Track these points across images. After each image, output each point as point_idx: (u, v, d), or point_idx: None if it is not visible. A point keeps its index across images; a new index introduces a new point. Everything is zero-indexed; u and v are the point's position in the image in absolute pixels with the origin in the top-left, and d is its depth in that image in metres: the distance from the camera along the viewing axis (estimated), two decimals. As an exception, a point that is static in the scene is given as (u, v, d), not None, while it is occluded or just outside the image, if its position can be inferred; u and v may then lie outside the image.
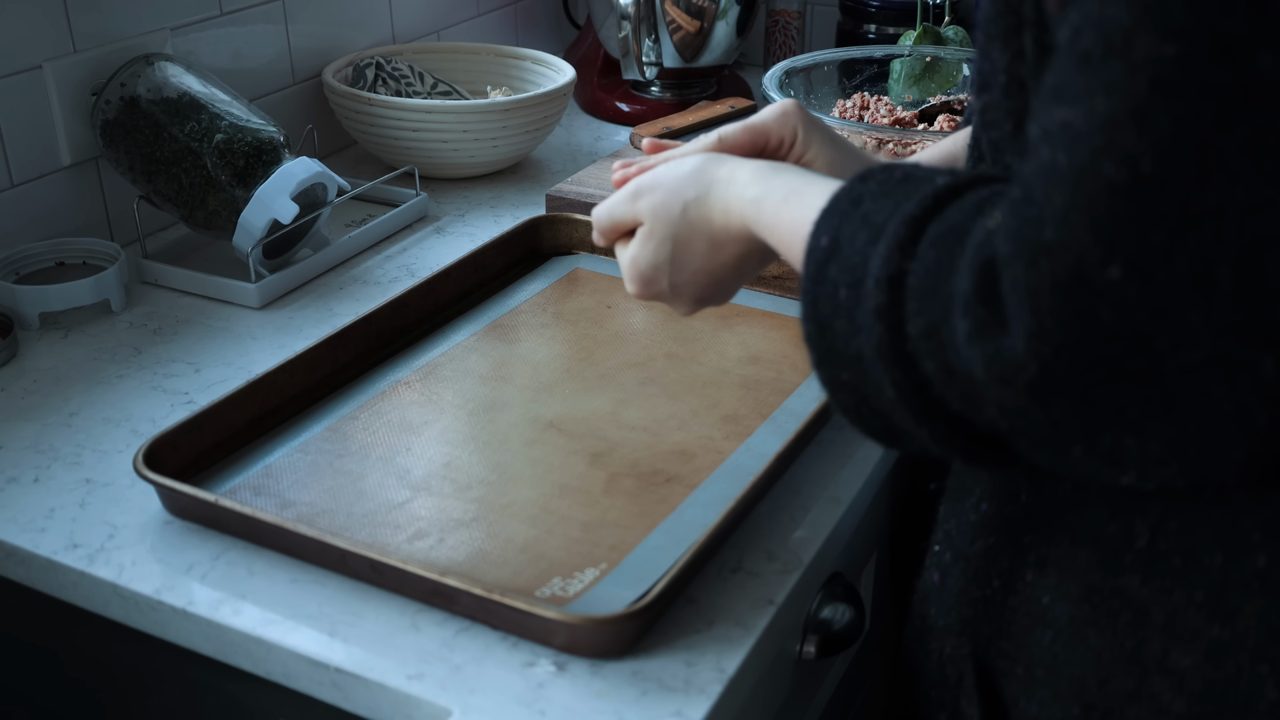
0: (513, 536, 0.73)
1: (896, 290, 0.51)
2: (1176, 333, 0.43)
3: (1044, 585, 0.59)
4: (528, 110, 1.24)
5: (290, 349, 0.94)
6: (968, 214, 0.50)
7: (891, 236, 0.52)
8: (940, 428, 0.52)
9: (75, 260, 1.04)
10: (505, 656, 0.65)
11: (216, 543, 0.73)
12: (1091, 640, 0.56)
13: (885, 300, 0.51)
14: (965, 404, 0.50)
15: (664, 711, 0.62)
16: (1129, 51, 0.42)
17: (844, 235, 0.55)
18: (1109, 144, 0.42)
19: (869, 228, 0.54)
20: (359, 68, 1.31)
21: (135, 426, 0.85)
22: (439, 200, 1.24)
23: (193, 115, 1.02)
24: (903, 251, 0.51)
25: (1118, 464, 0.47)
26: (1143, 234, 0.42)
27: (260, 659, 0.67)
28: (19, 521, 0.76)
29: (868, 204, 0.55)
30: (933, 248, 0.50)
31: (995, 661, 0.62)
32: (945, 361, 0.49)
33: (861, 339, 0.53)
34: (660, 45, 1.41)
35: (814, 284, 0.56)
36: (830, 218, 0.57)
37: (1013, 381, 0.46)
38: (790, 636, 0.74)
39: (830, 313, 0.55)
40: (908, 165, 0.57)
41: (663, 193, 0.70)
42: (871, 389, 0.54)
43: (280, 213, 0.99)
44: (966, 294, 0.48)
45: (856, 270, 0.54)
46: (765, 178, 0.66)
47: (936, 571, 0.67)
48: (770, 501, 0.77)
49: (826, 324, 0.55)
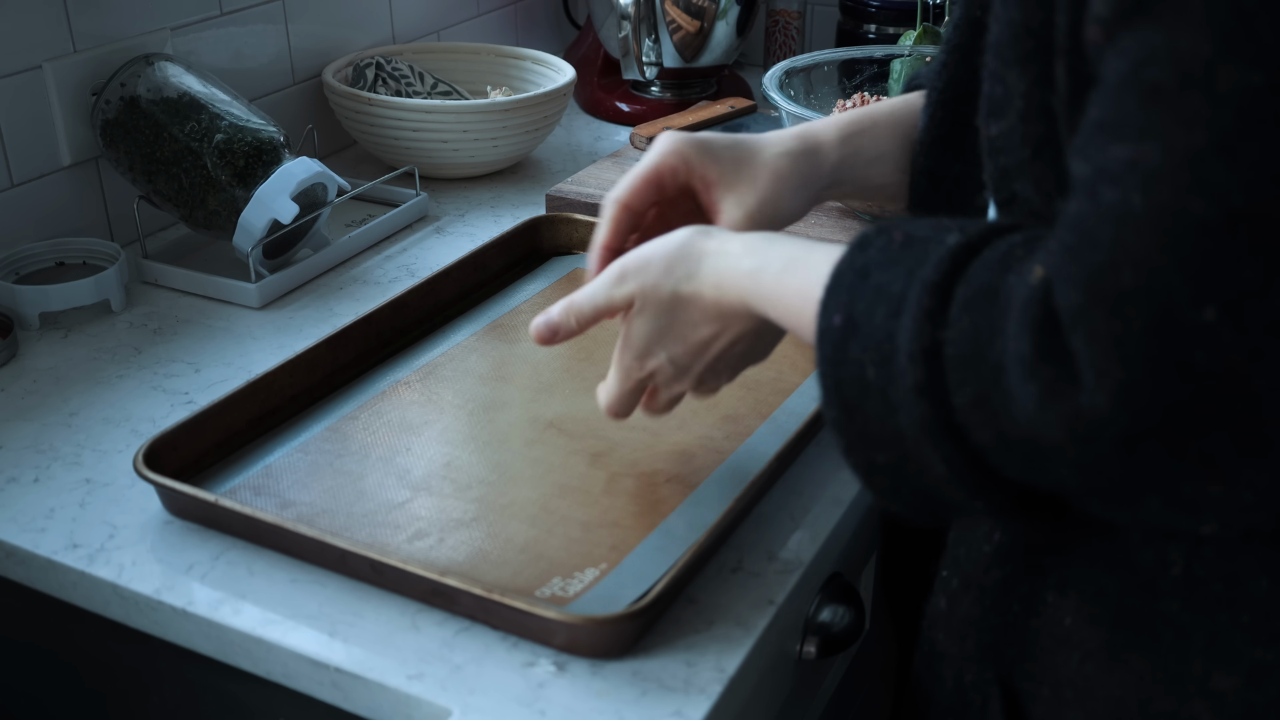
0: (513, 536, 0.73)
1: (934, 362, 0.49)
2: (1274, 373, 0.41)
3: (1065, 606, 0.57)
4: (528, 110, 1.24)
5: (290, 349, 0.94)
6: (994, 270, 0.48)
7: (916, 306, 0.50)
8: (997, 497, 0.50)
9: (75, 260, 1.04)
10: (505, 656, 0.65)
11: (216, 543, 0.73)
12: (1133, 663, 0.55)
13: (924, 375, 0.49)
14: (1028, 468, 0.48)
15: (664, 711, 0.62)
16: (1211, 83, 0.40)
17: (859, 311, 0.52)
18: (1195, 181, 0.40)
19: (886, 300, 0.51)
20: (359, 68, 1.31)
21: (135, 426, 0.85)
22: (439, 200, 1.24)
23: (193, 115, 1.02)
24: (932, 321, 0.49)
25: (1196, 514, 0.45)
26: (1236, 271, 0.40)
27: (260, 659, 0.67)
28: (19, 521, 0.76)
29: (876, 274, 0.53)
30: (965, 313, 0.48)
31: (1020, 684, 0.61)
32: (1001, 430, 0.47)
33: (900, 418, 0.50)
34: (660, 45, 1.41)
35: (834, 366, 0.53)
36: (838, 294, 0.54)
37: (1097, 438, 0.43)
38: (790, 636, 0.74)
39: (858, 394, 0.52)
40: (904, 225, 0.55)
41: (652, 273, 0.65)
42: (914, 469, 0.51)
43: (280, 213, 0.99)
44: (1025, 356, 0.45)
45: (882, 347, 0.51)
46: (759, 249, 0.63)
47: (944, 598, 0.66)
48: (770, 501, 0.77)
49: (855, 407, 0.52)
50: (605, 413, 0.72)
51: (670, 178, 0.72)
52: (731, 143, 0.73)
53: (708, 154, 0.72)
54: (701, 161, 0.72)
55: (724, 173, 0.72)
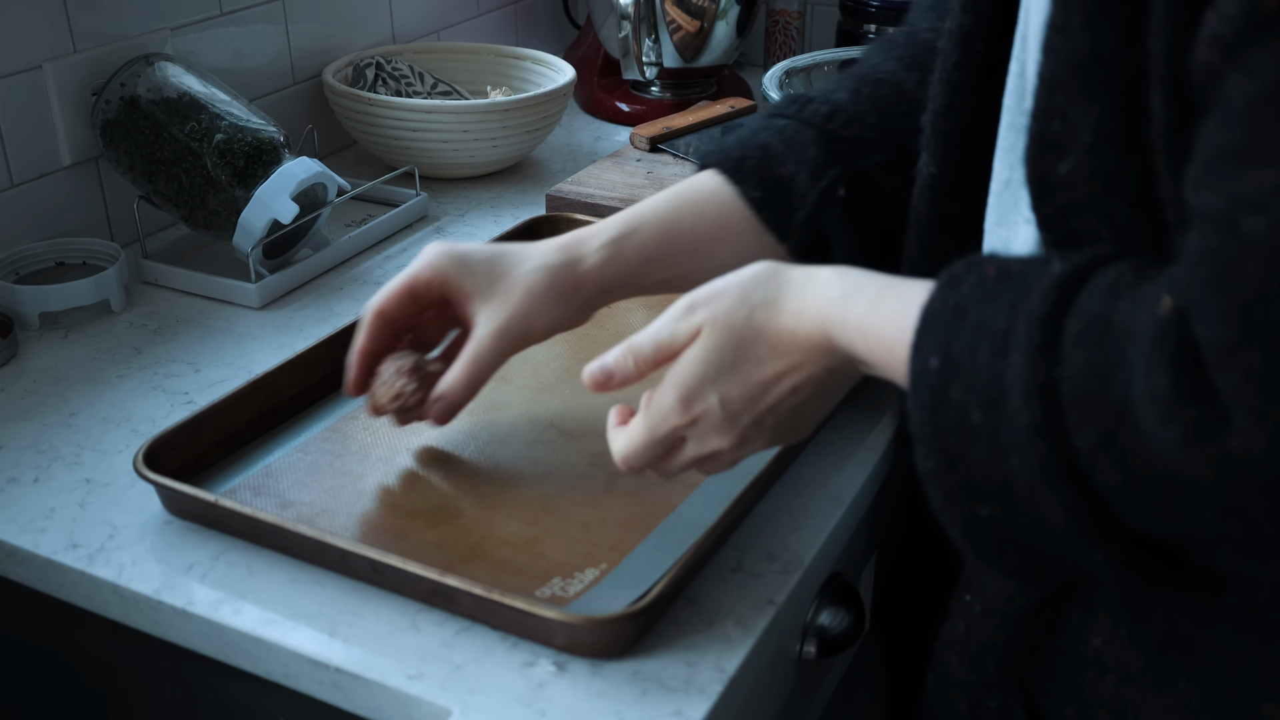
0: (513, 536, 0.73)
1: (1051, 402, 0.46)
2: None
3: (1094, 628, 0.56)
4: (528, 110, 1.24)
5: (290, 349, 0.94)
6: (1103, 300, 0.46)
7: (1026, 342, 0.47)
8: (1117, 550, 0.47)
9: (75, 260, 1.04)
10: (505, 656, 0.65)
11: (216, 543, 0.73)
12: (1180, 687, 0.53)
13: (1041, 414, 0.46)
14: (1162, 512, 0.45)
15: (664, 711, 0.62)
16: None
17: (958, 351, 0.49)
18: None
19: (990, 338, 0.48)
20: (359, 68, 1.31)
21: (135, 426, 0.85)
22: (439, 200, 1.24)
23: (193, 115, 1.02)
24: (1046, 358, 0.46)
25: None
26: None
27: (260, 659, 0.67)
28: (19, 521, 0.76)
29: (975, 311, 0.50)
30: (1079, 347, 0.45)
31: (1044, 703, 0.60)
32: (1132, 471, 0.44)
33: (1013, 463, 0.47)
34: (660, 45, 1.41)
35: (933, 412, 0.50)
36: (932, 334, 0.51)
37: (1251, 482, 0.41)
38: (790, 637, 0.74)
39: (962, 441, 0.49)
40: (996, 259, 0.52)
41: (728, 299, 0.61)
42: (1025, 521, 0.48)
43: (280, 213, 0.99)
44: (1163, 395, 0.42)
45: (989, 388, 0.48)
46: (850, 275, 0.59)
47: (963, 621, 0.64)
48: (770, 501, 0.77)
49: (958, 455, 0.49)
50: (621, 465, 0.66)
51: (425, 290, 0.74)
52: (490, 256, 0.74)
53: (464, 267, 0.73)
54: (457, 275, 0.73)
55: (478, 287, 0.72)
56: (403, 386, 0.74)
